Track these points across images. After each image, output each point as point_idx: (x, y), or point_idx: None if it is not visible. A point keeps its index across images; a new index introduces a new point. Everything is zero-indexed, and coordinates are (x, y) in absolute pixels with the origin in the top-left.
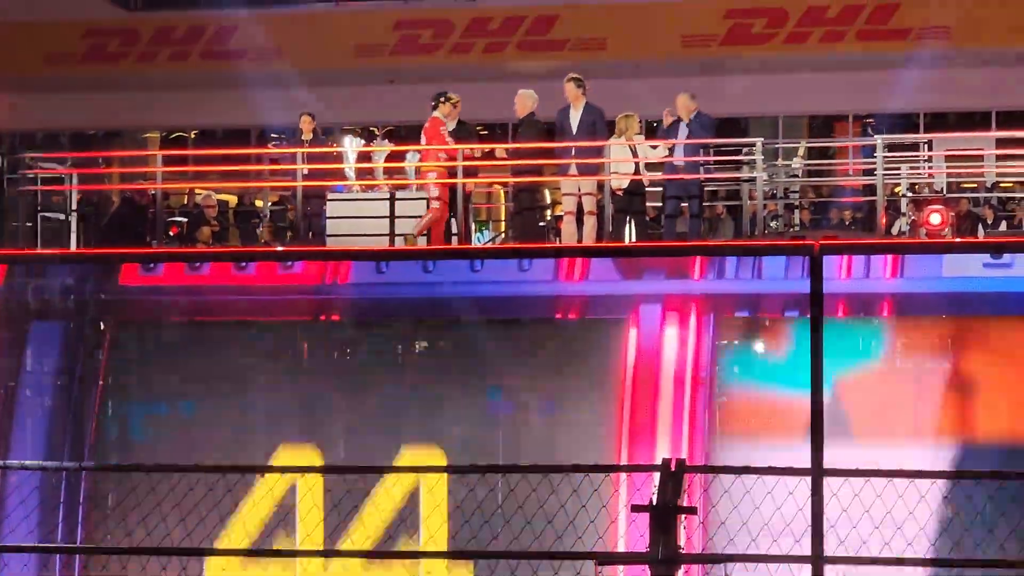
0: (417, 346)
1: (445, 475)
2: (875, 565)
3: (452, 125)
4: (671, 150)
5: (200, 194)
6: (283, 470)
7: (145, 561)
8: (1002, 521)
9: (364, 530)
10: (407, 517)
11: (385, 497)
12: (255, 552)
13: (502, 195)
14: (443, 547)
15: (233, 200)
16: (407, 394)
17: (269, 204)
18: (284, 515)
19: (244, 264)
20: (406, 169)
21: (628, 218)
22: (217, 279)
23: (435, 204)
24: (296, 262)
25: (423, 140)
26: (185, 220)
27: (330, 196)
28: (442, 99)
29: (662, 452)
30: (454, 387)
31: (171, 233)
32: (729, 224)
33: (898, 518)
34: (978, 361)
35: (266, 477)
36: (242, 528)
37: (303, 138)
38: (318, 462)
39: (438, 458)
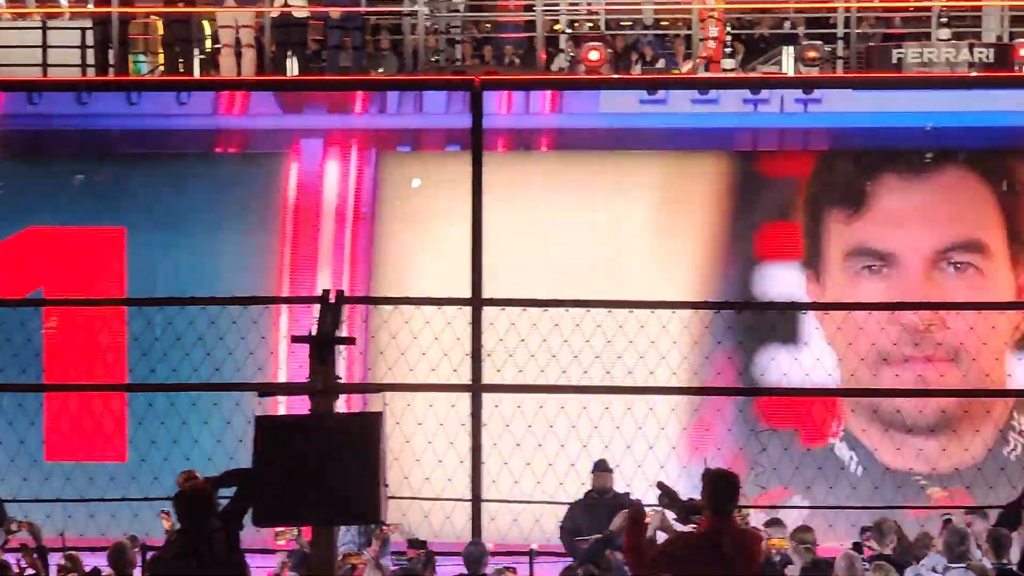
0: (74, 180)
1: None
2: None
3: None
4: None
5: None
6: None
7: None
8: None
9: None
10: None
11: None
12: None
13: (160, 26)
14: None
15: None
16: None
17: None
18: None
19: None
20: None
21: (289, 51)
22: None
23: None
24: None
25: None
26: None
27: None
28: None
29: (323, 285)
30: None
31: None
32: (392, 59)
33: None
34: None
35: None
36: None
37: None
38: None
39: None
